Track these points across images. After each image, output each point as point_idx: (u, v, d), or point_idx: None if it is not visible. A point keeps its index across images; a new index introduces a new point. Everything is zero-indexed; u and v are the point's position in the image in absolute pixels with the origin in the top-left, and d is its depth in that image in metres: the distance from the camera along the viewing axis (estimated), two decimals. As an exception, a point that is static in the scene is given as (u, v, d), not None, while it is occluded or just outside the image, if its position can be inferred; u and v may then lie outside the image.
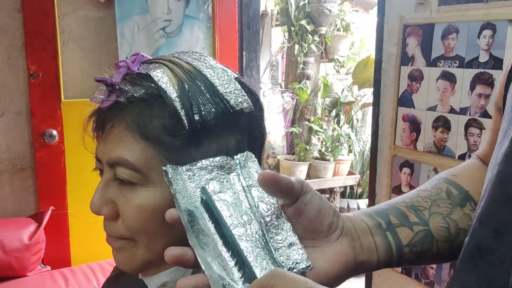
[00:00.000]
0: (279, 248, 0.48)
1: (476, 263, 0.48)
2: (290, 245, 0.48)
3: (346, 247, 0.51)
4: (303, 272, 0.47)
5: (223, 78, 0.56)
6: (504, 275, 0.43)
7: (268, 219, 0.49)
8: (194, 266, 0.46)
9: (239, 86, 0.56)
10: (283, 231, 0.49)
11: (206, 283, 0.44)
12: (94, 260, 2.13)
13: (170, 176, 0.50)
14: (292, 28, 3.83)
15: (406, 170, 1.68)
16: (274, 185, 0.47)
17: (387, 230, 0.54)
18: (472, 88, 1.43)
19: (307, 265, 0.47)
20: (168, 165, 0.50)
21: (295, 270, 0.47)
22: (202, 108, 0.53)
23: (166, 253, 0.45)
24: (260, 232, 0.48)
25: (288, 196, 0.49)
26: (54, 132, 2.08)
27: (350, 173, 3.76)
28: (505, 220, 0.45)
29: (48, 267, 2.06)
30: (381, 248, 0.54)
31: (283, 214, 0.50)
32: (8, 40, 2.01)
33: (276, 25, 4.16)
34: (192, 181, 0.50)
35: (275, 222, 0.50)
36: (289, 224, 0.50)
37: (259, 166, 0.54)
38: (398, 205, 0.57)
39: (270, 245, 0.48)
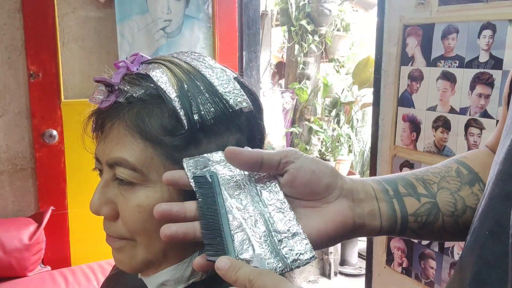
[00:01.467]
0: (283, 239, 0.47)
1: (473, 261, 0.48)
2: (294, 235, 0.48)
3: (344, 208, 0.51)
4: (307, 263, 0.48)
5: (222, 78, 0.56)
6: (499, 276, 0.43)
7: (271, 208, 0.49)
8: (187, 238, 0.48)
9: (238, 85, 0.56)
10: (286, 219, 0.49)
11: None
12: (94, 260, 2.13)
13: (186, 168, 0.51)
14: (292, 28, 3.83)
15: (406, 170, 1.68)
16: (235, 158, 0.48)
17: (393, 197, 0.54)
18: (472, 88, 1.43)
19: (311, 255, 0.47)
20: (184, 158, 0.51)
21: (298, 261, 0.47)
22: (201, 108, 0.53)
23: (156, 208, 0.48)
24: (263, 220, 0.48)
25: (264, 168, 0.50)
26: (54, 132, 2.08)
27: (350, 173, 3.76)
28: (502, 218, 0.45)
29: (48, 267, 2.07)
30: (385, 213, 0.53)
31: (286, 201, 0.50)
32: (8, 40, 2.01)
33: (276, 25, 4.16)
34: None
35: (278, 211, 0.49)
36: (292, 212, 0.50)
37: None
38: (407, 176, 0.57)
39: (274, 236, 0.48)
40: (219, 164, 0.52)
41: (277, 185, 0.51)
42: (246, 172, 0.51)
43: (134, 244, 0.56)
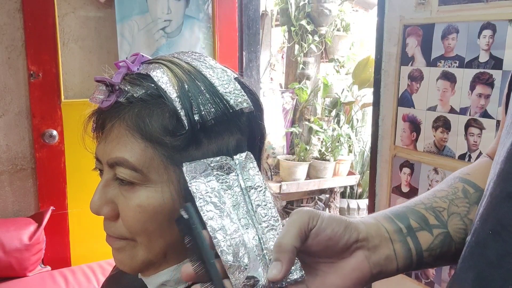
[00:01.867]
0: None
1: (475, 261, 0.48)
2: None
3: (360, 261, 0.51)
4: (296, 282, 0.48)
5: (222, 78, 0.56)
6: (502, 276, 0.43)
7: (265, 224, 0.50)
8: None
9: (239, 86, 0.56)
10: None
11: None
12: (94, 260, 2.13)
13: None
14: (292, 28, 3.83)
15: (406, 170, 1.68)
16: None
17: (407, 235, 0.54)
18: (472, 88, 1.43)
19: (300, 275, 0.48)
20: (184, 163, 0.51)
21: (288, 280, 0.47)
22: (202, 108, 0.53)
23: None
24: (257, 237, 0.49)
25: (303, 241, 0.48)
26: (54, 132, 2.08)
27: (350, 173, 3.76)
28: (503, 218, 0.45)
29: (48, 267, 2.06)
30: (401, 255, 0.53)
31: (279, 219, 0.51)
32: (8, 40, 2.01)
33: (276, 25, 4.16)
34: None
35: (272, 228, 0.50)
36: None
37: (257, 167, 0.54)
38: (417, 207, 0.57)
39: (265, 253, 0.48)
40: (218, 170, 0.52)
41: (271, 200, 0.51)
42: (242, 185, 0.52)
43: (135, 244, 0.56)
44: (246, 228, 0.49)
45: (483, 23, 1.38)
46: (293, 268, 0.47)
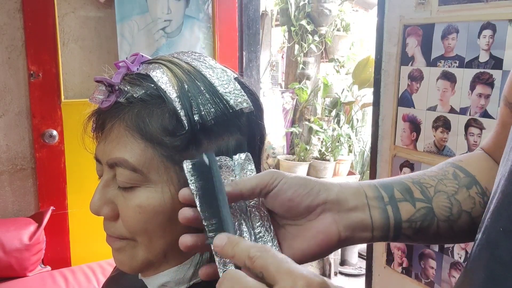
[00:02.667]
0: None
1: (486, 261, 0.47)
2: None
3: (327, 224, 0.51)
4: None
5: (222, 78, 0.56)
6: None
7: (257, 230, 0.51)
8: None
9: (239, 86, 0.56)
10: (268, 244, 0.50)
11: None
12: (94, 260, 2.13)
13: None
14: (292, 28, 3.83)
15: (406, 170, 1.68)
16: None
17: (388, 204, 0.53)
18: (472, 88, 1.43)
19: None
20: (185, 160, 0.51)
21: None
22: (201, 108, 0.53)
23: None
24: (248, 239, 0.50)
25: (245, 197, 0.50)
26: (54, 132, 2.08)
27: (350, 173, 3.76)
28: None
29: (48, 267, 2.06)
30: (378, 222, 0.53)
31: (272, 227, 0.51)
32: (8, 40, 2.01)
33: (276, 25, 4.16)
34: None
35: (263, 236, 0.51)
36: (276, 240, 0.51)
37: (255, 170, 0.54)
38: (404, 179, 0.57)
39: None
40: (219, 170, 0.52)
41: (265, 209, 0.52)
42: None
43: (135, 245, 0.56)
44: (240, 234, 0.50)
45: (483, 23, 1.38)
46: None
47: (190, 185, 0.49)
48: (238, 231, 0.50)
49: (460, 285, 0.54)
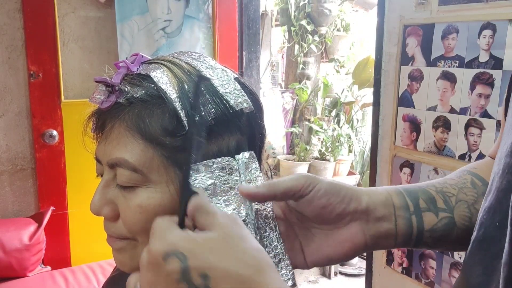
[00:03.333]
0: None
1: (482, 255, 0.48)
2: (279, 261, 0.50)
3: (354, 233, 0.53)
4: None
5: (222, 78, 0.56)
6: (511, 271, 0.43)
7: (262, 231, 0.51)
8: None
9: (239, 86, 0.56)
10: (274, 245, 0.51)
11: None
12: (94, 260, 2.13)
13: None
14: (292, 28, 3.83)
15: (406, 170, 1.68)
16: (252, 198, 0.51)
17: (413, 214, 0.55)
18: (472, 88, 1.43)
19: (291, 284, 0.49)
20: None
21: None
22: (202, 109, 0.53)
23: None
24: None
25: (283, 199, 0.51)
26: (54, 133, 2.08)
27: (350, 173, 3.76)
28: (510, 210, 0.45)
29: (48, 268, 2.06)
30: (402, 232, 0.54)
31: (277, 227, 0.52)
32: (8, 40, 2.01)
33: (276, 25, 4.16)
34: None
35: (268, 235, 0.51)
36: (282, 240, 0.51)
37: (259, 168, 0.54)
38: (428, 188, 0.58)
39: None
40: (220, 171, 0.52)
41: (272, 211, 0.52)
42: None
43: (135, 245, 0.56)
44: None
45: (483, 23, 1.38)
46: (286, 276, 0.49)
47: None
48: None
49: (459, 281, 0.55)
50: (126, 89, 0.54)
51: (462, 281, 0.53)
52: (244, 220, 0.50)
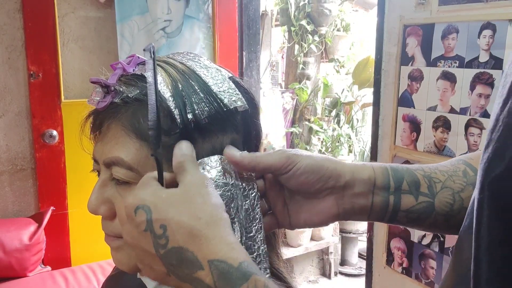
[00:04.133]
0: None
1: (469, 244, 0.49)
2: (260, 262, 0.52)
3: (330, 205, 0.57)
4: None
5: (217, 77, 0.56)
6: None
7: (248, 231, 0.52)
8: None
9: (233, 85, 0.57)
10: (257, 246, 0.52)
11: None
12: (94, 260, 2.13)
13: None
14: (292, 28, 3.83)
15: (406, 170, 1.68)
16: (234, 164, 0.54)
17: (391, 194, 0.57)
18: (472, 88, 1.43)
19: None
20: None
21: None
22: (195, 107, 0.53)
23: None
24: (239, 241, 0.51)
25: (260, 172, 0.56)
26: (54, 133, 2.08)
27: (350, 173, 3.76)
28: (475, 206, 0.46)
29: (48, 268, 2.06)
30: (376, 208, 0.57)
31: (262, 228, 0.54)
32: (8, 40, 2.01)
33: (276, 25, 4.16)
34: None
35: (253, 236, 0.52)
36: (265, 243, 0.53)
37: None
38: (416, 171, 0.59)
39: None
40: (215, 169, 0.52)
41: (260, 213, 0.54)
42: (239, 184, 0.54)
43: (132, 243, 0.56)
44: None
45: (483, 23, 1.38)
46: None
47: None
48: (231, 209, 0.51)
49: (450, 267, 0.55)
50: (121, 89, 0.54)
51: (453, 266, 0.54)
52: (233, 218, 0.50)
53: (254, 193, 0.54)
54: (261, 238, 0.53)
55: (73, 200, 2.15)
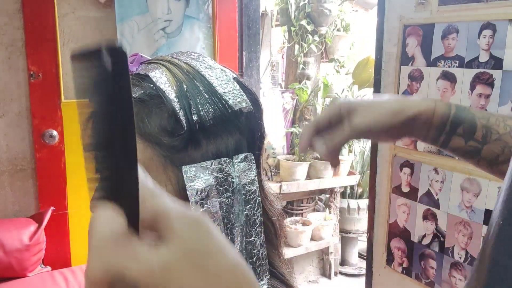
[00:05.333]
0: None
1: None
2: (259, 265, 0.52)
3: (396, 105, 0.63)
4: None
5: (221, 78, 0.56)
6: None
7: (248, 235, 0.52)
8: None
9: (238, 86, 0.56)
10: (257, 250, 0.53)
11: None
12: (94, 260, 2.13)
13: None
14: (292, 28, 3.82)
15: (406, 170, 1.68)
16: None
17: (444, 134, 0.62)
18: (472, 88, 1.43)
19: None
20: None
21: None
22: (200, 109, 0.53)
23: None
24: (240, 246, 0.51)
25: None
26: (54, 133, 2.08)
27: (350, 173, 3.76)
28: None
29: (49, 268, 2.06)
30: (427, 141, 0.64)
31: (262, 232, 0.53)
32: (8, 40, 2.01)
33: (276, 25, 4.16)
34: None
35: (253, 240, 0.52)
36: (265, 247, 0.53)
37: (255, 172, 0.54)
38: (480, 119, 0.62)
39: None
40: (218, 173, 0.52)
41: (260, 216, 0.54)
42: (242, 189, 0.53)
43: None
44: (233, 237, 0.51)
45: (483, 23, 1.38)
46: (263, 277, 0.53)
47: None
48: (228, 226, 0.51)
49: (475, 268, 0.54)
50: None
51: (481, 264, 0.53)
52: (233, 224, 0.50)
53: (256, 198, 0.54)
54: (261, 242, 0.53)
55: (73, 200, 2.15)
